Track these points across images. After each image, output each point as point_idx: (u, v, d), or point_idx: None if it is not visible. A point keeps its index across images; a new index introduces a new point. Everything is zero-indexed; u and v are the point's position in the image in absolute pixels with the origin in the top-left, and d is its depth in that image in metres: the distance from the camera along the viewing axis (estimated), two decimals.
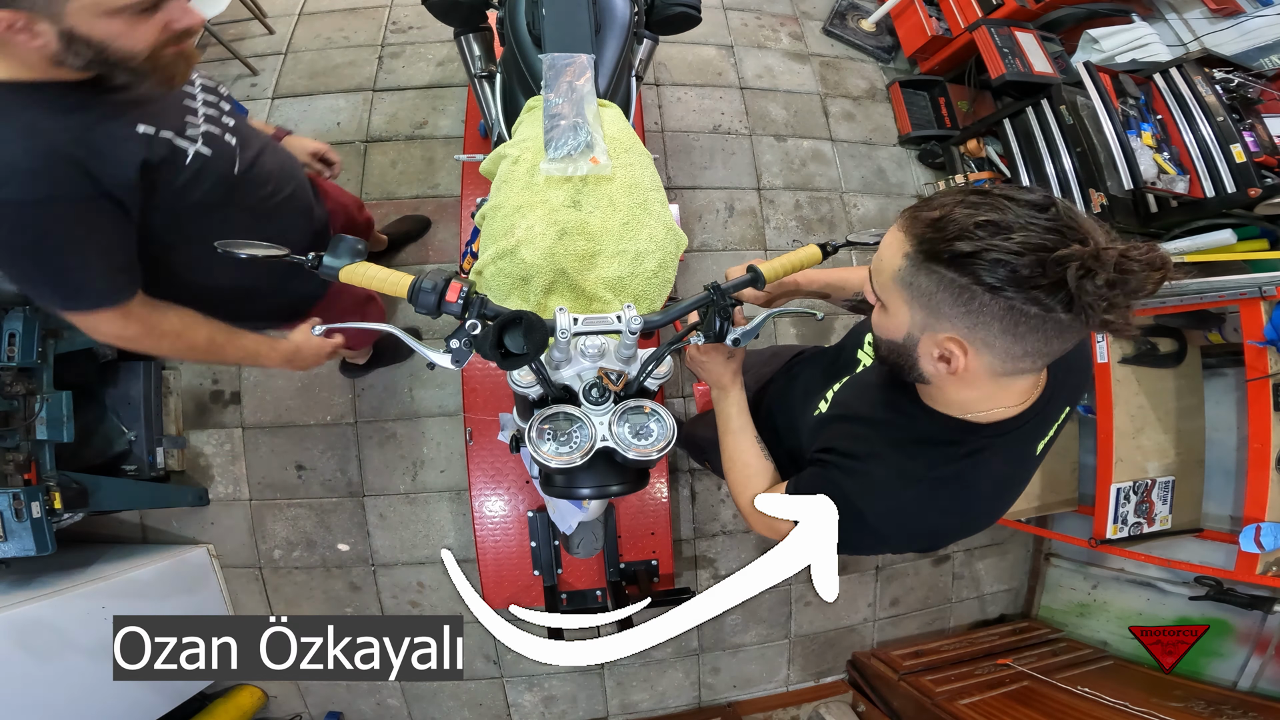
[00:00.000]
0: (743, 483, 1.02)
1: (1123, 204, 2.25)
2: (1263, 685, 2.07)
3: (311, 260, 0.87)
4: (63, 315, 0.99)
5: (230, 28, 2.79)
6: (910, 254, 0.69)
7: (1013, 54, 2.61)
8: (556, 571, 1.92)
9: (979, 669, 2.33)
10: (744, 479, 1.02)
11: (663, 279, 1.22)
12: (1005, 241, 0.62)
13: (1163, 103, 2.34)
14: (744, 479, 1.02)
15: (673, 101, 2.85)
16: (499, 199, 1.24)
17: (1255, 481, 1.83)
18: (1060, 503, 2.45)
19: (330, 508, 2.32)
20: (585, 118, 1.22)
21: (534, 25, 1.41)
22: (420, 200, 2.54)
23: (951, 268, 0.65)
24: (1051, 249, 0.61)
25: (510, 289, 1.17)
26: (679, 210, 1.90)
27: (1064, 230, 0.61)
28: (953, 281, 0.66)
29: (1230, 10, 2.41)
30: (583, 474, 0.99)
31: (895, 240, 0.72)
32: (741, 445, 1.04)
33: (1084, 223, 0.63)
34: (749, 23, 3.13)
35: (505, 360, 0.85)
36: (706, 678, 2.50)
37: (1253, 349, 1.82)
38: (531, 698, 2.38)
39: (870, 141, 2.99)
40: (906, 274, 0.70)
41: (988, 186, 0.69)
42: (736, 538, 2.47)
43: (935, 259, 0.67)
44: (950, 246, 0.65)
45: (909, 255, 0.70)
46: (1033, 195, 0.64)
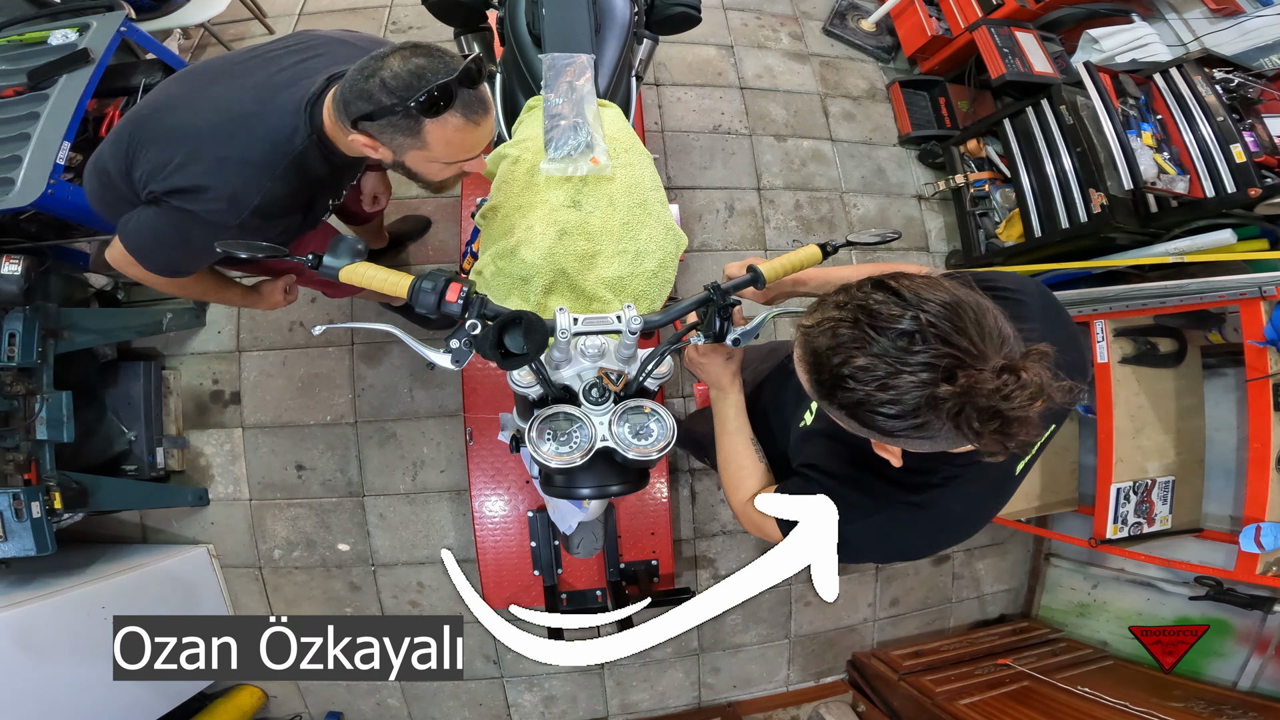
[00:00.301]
0: (736, 483, 1.03)
1: (1123, 204, 2.25)
2: (1263, 685, 2.07)
3: (311, 260, 0.87)
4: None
5: (230, 28, 2.79)
6: (811, 386, 0.71)
7: (1013, 54, 2.61)
8: (556, 571, 1.92)
9: (979, 669, 2.33)
10: (738, 480, 1.03)
11: (663, 279, 1.22)
12: (882, 392, 0.62)
13: (1163, 103, 2.34)
14: (738, 480, 1.03)
15: (673, 101, 2.85)
16: (499, 199, 1.24)
17: (1255, 481, 1.83)
18: (1060, 503, 2.45)
19: (330, 508, 2.32)
20: (585, 118, 1.22)
21: (534, 25, 1.41)
22: (420, 200, 2.54)
23: (844, 411, 0.67)
24: (927, 386, 0.60)
25: (510, 289, 1.17)
26: (679, 210, 1.90)
27: (935, 365, 0.60)
28: (850, 420, 0.68)
29: (1230, 10, 2.41)
30: (583, 474, 0.99)
31: (799, 364, 0.72)
32: (737, 446, 1.05)
33: (959, 340, 0.61)
34: (749, 23, 3.13)
35: (505, 360, 0.85)
36: (706, 678, 2.50)
37: (1253, 349, 1.81)
38: (531, 698, 2.38)
39: (870, 141, 2.99)
40: (816, 400, 0.72)
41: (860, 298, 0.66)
42: (736, 538, 2.47)
43: (829, 401, 0.68)
44: (835, 395, 0.66)
45: (811, 388, 0.71)
46: (901, 320, 0.62)
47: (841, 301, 0.67)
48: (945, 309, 0.62)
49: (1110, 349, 2.12)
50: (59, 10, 2.03)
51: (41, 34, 1.92)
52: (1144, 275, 2.31)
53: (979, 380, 0.59)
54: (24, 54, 1.88)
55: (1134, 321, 2.17)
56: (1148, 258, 2.25)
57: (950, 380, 0.60)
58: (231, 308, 2.41)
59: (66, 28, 1.93)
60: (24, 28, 1.97)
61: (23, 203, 1.65)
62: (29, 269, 1.74)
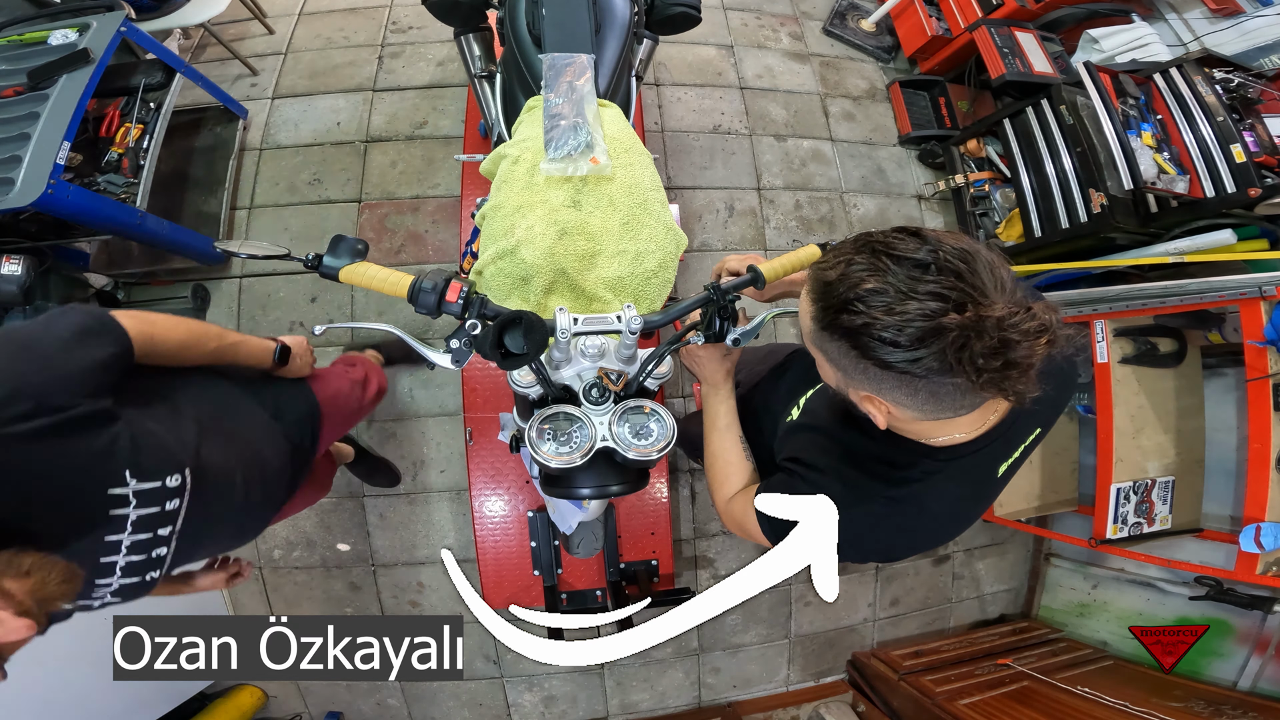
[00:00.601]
0: (721, 480, 1.03)
1: (1123, 204, 2.25)
2: (1263, 685, 2.07)
3: (311, 260, 0.87)
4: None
5: (230, 28, 2.79)
6: (814, 317, 0.70)
7: (1013, 54, 2.61)
8: (556, 571, 1.92)
9: (979, 669, 2.33)
10: (723, 476, 1.03)
11: (663, 279, 1.22)
12: (887, 316, 0.61)
13: (1163, 103, 2.34)
14: (723, 476, 1.03)
15: (673, 101, 2.85)
16: (499, 199, 1.24)
17: (1255, 481, 1.83)
18: (1060, 503, 2.45)
19: (330, 508, 2.31)
20: (585, 118, 1.22)
21: (534, 25, 1.41)
22: (420, 200, 2.54)
23: (845, 338, 0.66)
24: (933, 317, 0.59)
25: (510, 289, 1.17)
26: (679, 210, 1.90)
27: (946, 295, 0.60)
28: (849, 351, 0.66)
29: (1230, 10, 2.41)
30: (583, 474, 0.99)
31: (805, 300, 0.72)
32: (725, 444, 1.05)
33: (971, 279, 0.61)
34: (749, 23, 3.13)
35: (505, 360, 0.85)
36: (706, 678, 2.50)
37: (1253, 349, 1.81)
38: (531, 698, 2.38)
39: (870, 141, 2.99)
40: (815, 337, 0.71)
41: (879, 237, 0.66)
42: (736, 538, 2.47)
43: (832, 329, 0.67)
44: (839, 319, 0.65)
45: (814, 319, 0.70)
46: (918, 252, 0.62)
47: (858, 241, 0.67)
48: (961, 251, 0.62)
49: (1110, 349, 2.12)
50: (59, 10, 2.03)
51: (41, 34, 1.92)
52: (1144, 275, 2.31)
53: (987, 312, 0.59)
54: (24, 54, 1.88)
55: (1134, 321, 2.17)
56: (1148, 258, 2.25)
57: (959, 311, 0.59)
58: (231, 309, 2.41)
59: (66, 28, 1.93)
60: (24, 28, 1.97)
61: (23, 203, 1.65)
62: (29, 269, 1.74)
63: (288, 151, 2.61)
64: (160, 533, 0.82)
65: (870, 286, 0.62)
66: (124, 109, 2.10)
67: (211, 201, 2.43)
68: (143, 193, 2.00)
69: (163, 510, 0.81)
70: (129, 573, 0.81)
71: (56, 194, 1.69)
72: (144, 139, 2.05)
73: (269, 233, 2.49)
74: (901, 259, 0.62)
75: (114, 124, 2.07)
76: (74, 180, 1.88)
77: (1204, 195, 2.18)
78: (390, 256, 2.48)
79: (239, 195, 2.54)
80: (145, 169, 2.02)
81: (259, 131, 2.63)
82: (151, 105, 2.11)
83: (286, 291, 2.44)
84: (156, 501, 0.80)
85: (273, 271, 2.45)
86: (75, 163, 1.97)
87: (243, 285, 2.45)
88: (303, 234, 2.49)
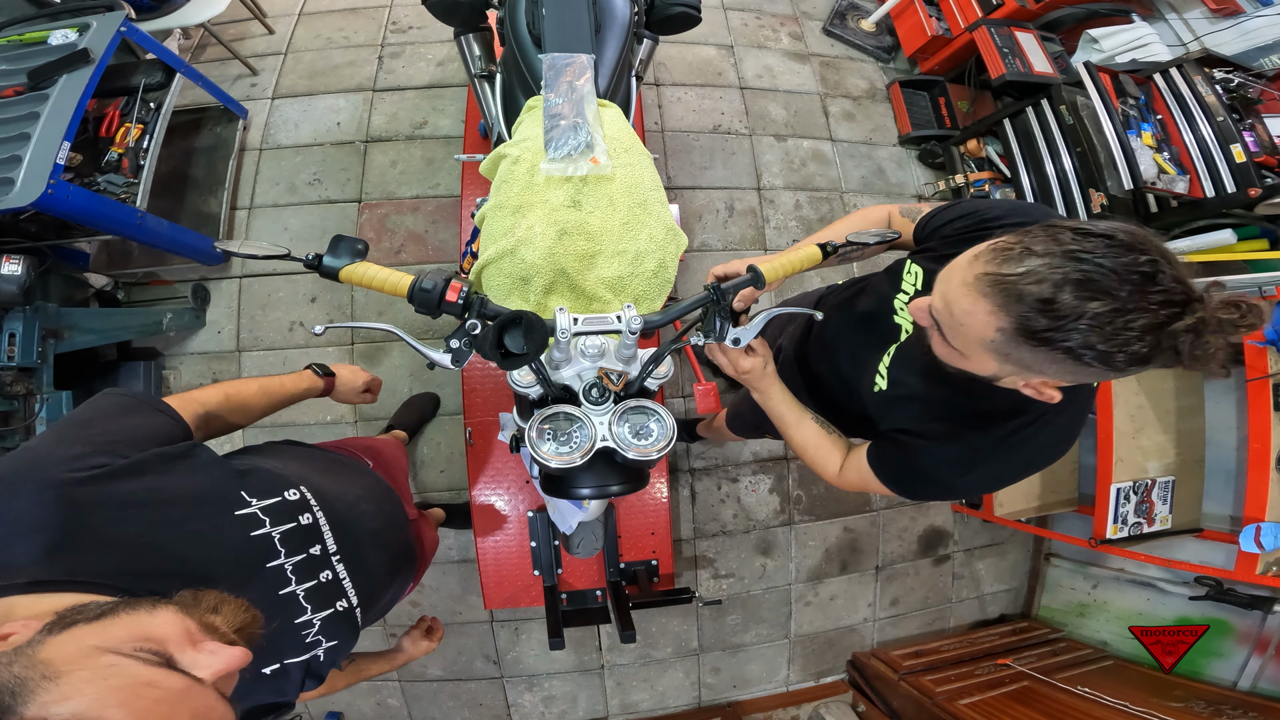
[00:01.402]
0: (822, 463, 1.12)
1: (1123, 204, 2.25)
2: (1263, 685, 2.07)
3: (310, 260, 0.87)
4: None
5: (230, 28, 2.79)
6: (1008, 331, 0.68)
7: (1013, 54, 2.61)
8: (556, 571, 1.92)
9: (979, 669, 2.33)
10: (822, 458, 1.11)
11: (663, 279, 1.22)
12: (1118, 334, 0.62)
13: (1163, 103, 2.34)
14: (822, 458, 1.11)
15: (673, 101, 2.85)
16: (499, 199, 1.24)
17: (1255, 481, 1.83)
18: (1060, 503, 2.45)
19: None
20: (585, 118, 1.22)
21: (534, 25, 1.41)
22: (420, 200, 2.54)
23: (1060, 351, 0.66)
24: (1166, 324, 0.61)
25: (510, 289, 1.17)
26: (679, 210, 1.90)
27: (1177, 301, 0.62)
28: (1061, 359, 0.67)
29: (1230, 10, 2.41)
30: (583, 474, 0.99)
31: (983, 311, 0.69)
32: (805, 433, 1.13)
33: (1183, 272, 0.63)
34: (749, 23, 3.13)
35: (505, 360, 0.84)
36: (706, 678, 2.50)
37: (1253, 349, 1.82)
38: (531, 698, 2.38)
39: (870, 141, 2.99)
40: (1001, 345, 0.70)
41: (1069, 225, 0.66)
42: (736, 538, 2.47)
43: (1044, 345, 0.66)
44: (1051, 336, 0.65)
45: (1006, 331, 0.68)
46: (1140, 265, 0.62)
47: (1051, 250, 0.65)
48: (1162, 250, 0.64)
49: None
50: (59, 10, 2.03)
51: (41, 34, 1.92)
52: None
53: (1207, 311, 0.62)
54: (24, 54, 1.88)
55: None
56: None
57: (1188, 313, 0.62)
58: (231, 309, 2.41)
59: (66, 28, 1.93)
60: (24, 28, 1.97)
61: (23, 203, 1.65)
62: (29, 269, 1.74)
63: (287, 151, 2.61)
64: (313, 551, 0.80)
65: (1100, 310, 0.62)
66: (124, 109, 2.10)
67: (211, 201, 2.43)
68: (143, 193, 2.00)
69: (299, 525, 0.79)
70: (315, 602, 0.78)
71: (56, 194, 1.69)
72: (144, 139, 2.06)
73: (269, 233, 2.49)
74: (1119, 272, 0.62)
75: (114, 124, 2.07)
76: (74, 180, 1.88)
77: (1204, 195, 2.18)
78: (390, 256, 2.48)
79: (239, 195, 2.54)
80: (145, 169, 2.02)
81: (259, 131, 2.63)
82: (151, 105, 2.11)
83: (286, 291, 2.44)
84: (289, 517, 0.78)
85: (273, 271, 2.46)
86: (75, 163, 1.97)
87: (243, 285, 2.45)
88: (303, 234, 2.49)
